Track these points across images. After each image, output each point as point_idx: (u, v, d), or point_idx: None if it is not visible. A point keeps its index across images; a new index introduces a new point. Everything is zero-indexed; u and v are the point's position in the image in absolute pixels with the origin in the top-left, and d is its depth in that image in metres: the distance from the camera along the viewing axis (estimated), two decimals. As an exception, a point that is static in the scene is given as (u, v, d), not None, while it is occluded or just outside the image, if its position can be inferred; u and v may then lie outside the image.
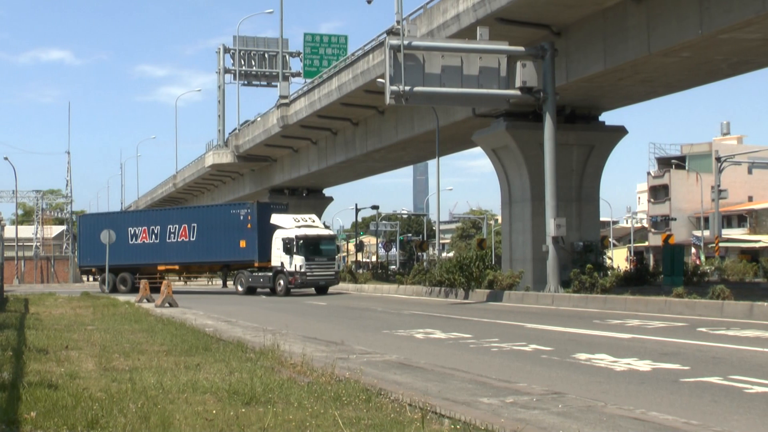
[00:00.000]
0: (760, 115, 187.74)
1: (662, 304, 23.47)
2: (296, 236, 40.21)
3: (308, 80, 56.43)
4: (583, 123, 35.61)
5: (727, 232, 75.04)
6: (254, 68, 72.35)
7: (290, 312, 28.58)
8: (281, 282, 40.89)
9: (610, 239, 71.80)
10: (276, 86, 62.24)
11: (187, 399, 8.60)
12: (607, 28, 28.37)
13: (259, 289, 43.04)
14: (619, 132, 36.86)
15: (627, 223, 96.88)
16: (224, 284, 46.46)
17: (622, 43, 27.78)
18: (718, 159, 53.35)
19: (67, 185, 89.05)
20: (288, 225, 41.44)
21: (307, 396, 8.63)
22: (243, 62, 72.02)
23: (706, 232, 70.27)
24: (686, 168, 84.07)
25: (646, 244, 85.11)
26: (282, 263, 40.67)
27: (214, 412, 7.87)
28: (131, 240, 47.08)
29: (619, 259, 68.80)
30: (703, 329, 17.71)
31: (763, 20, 23.37)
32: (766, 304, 20.66)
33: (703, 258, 63.86)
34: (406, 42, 27.96)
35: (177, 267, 46.31)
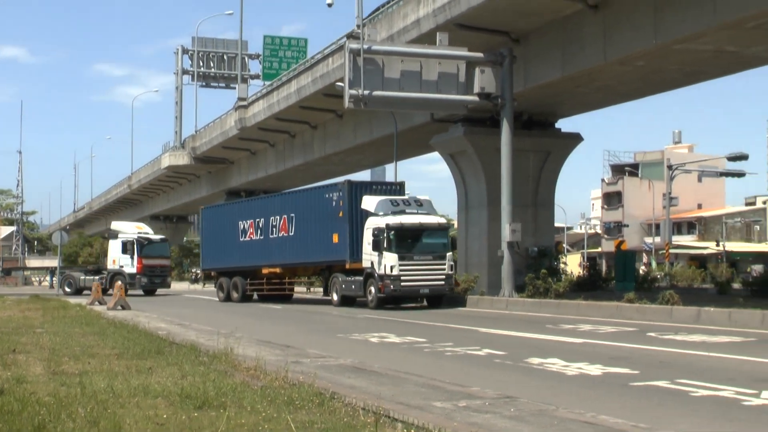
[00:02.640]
0: (710, 124, 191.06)
1: (614, 309, 23.75)
2: (387, 225, 28.99)
3: (267, 83, 56.27)
4: (540, 129, 35.94)
5: (677, 239, 76.08)
6: (213, 70, 72.10)
7: (245, 315, 28.45)
8: (371, 289, 29.65)
9: (564, 245, 72.47)
10: (234, 88, 62.05)
11: (138, 403, 8.52)
12: (565, 36, 28.67)
13: (359, 299, 31.65)
14: (575, 139, 37.24)
15: (581, 228, 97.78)
16: (325, 291, 34.81)
17: (579, 50, 28.09)
18: (669, 167, 54.12)
19: (18, 185, 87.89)
20: (381, 210, 30.26)
21: (261, 400, 8.60)
22: (201, 63, 71.72)
23: (657, 239, 71.19)
24: (639, 175, 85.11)
25: (600, 249, 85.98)
26: (372, 264, 29.51)
27: (166, 416, 7.80)
28: (241, 237, 38.56)
29: (572, 264, 69.38)
30: (653, 334, 17.95)
31: (715, 32, 23.81)
32: (712, 309, 21.04)
33: (654, 264, 64.67)
34: (365, 46, 28.03)
35: (279, 270, 36.88)
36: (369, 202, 30.68)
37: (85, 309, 26.86)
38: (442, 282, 29.38)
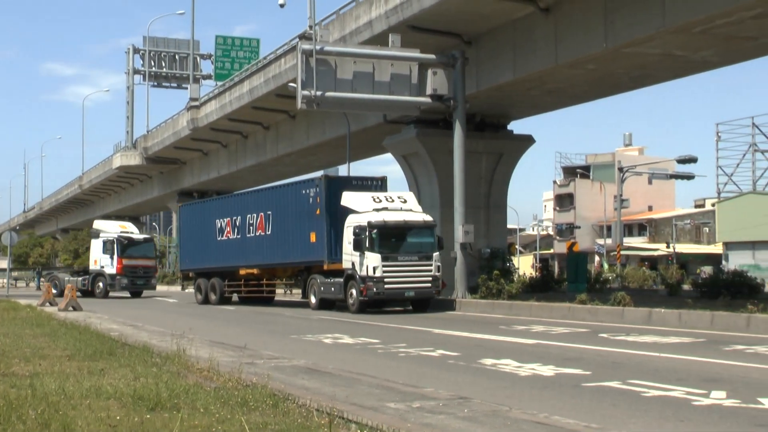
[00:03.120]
0: (660, 127, 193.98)
1: (566, 311, 23.98)
2: (369, 223, 27.12)
3: (219, 83, 55.95)
4: (492, 131, 36.16)
5: (628, 241, 77.03)
6: (164, 69, 71.53)
7: (198, 316, 28.26)
8: (353, 292, 27.72)
9: (517, 246, 73.02)
10: (186, 88, 61.62)
11: (90, 405, 8.43)
12: (517, 39, 28.90)
13: (339, 303, 29.46)
14: (527, 141, 37.54)
15: (533, 230, 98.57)
16: (304, 294, 32.02)
17: (531, 53, 28.33)
18: (620, 169, 54.78)
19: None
20: (362, 207, 28.20)
21: (214, 401, 8.55)
22: (153, 63, 71.10)
23: (609, 240, 72.02)
24: (590, 177, 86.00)
25: (552, 251, 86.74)
26: (353, 264, 27.69)
27: (118, 418, 7.73)
28: (218, 236, 36.55)
29: (525, 266, 69.97)
30: (605, 335, 18.16)
31: (663, 36, 24.19)
32: (663, 310, 21.34)
33: (605, 265, 65.42)
34: (318, 47, 28.00)
35: (256, 271, 34.93)
36: (349, 199, 28.88)
37: (36, 310, 26.52)
38: (429, 284, 27.50)
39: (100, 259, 45.33)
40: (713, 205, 74.22)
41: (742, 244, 62.74)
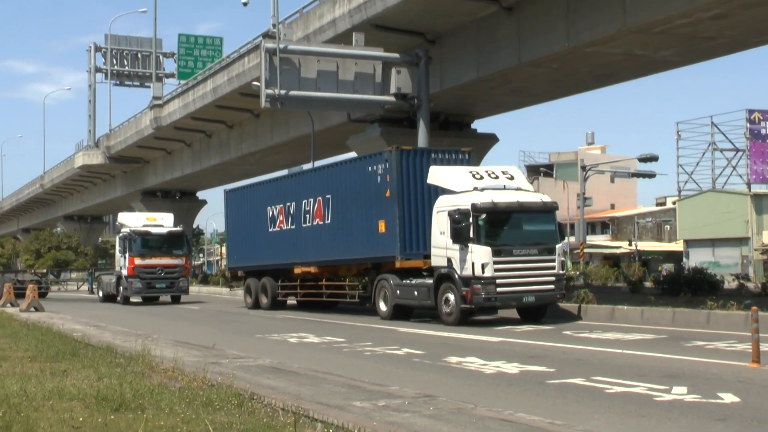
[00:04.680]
0: (621, 126, 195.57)
1: (530, 308, 24.05)
2: (473, 206, 20.42)
3: (182, 82, 55.59)
4: (457, 130, 36.28)
5: (591, 239, 77.59)
6: (127, 68, 70.99)
7: (162, 316, 28.08)
8: (450, 298, 20.93)
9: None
10: (149, 87, 61.16)
11: (53, 406, 8.36)
12: (480, 38, 29.01)
13: (420, 310, 23.78)
14: (491, 139, 37.70)
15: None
16: (372, 298, 24.86)
17: (494, 52, 28.46)
18: (583, 168, 55.09)
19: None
20: (459, 186, 21.71)
21: (179, 401, 8.52)
22: (115, 61, 70.53)
23: (572, 238, 72.52)
24: (554, 176, 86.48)
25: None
26: (449, 261, 20.98)
27: (81, 419, 7.67)
28: (270, 226, 30.45)
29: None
30: (568, 332, 18.30)
31: (625, 36, 24.43)
32: (625, 307, 21.53)
33: (569, 263, 65.84)
34: (281, 45, 27.93)
35: (313, 269, 28.30)
36: (440, 175, 22.47)
37: (-5, 312, 26.18)
38: (552, 285, 20.94)
39: (120, 259, 38.79)
40: (674, 203, 75.08)
41: (702, 242, 63.58)
